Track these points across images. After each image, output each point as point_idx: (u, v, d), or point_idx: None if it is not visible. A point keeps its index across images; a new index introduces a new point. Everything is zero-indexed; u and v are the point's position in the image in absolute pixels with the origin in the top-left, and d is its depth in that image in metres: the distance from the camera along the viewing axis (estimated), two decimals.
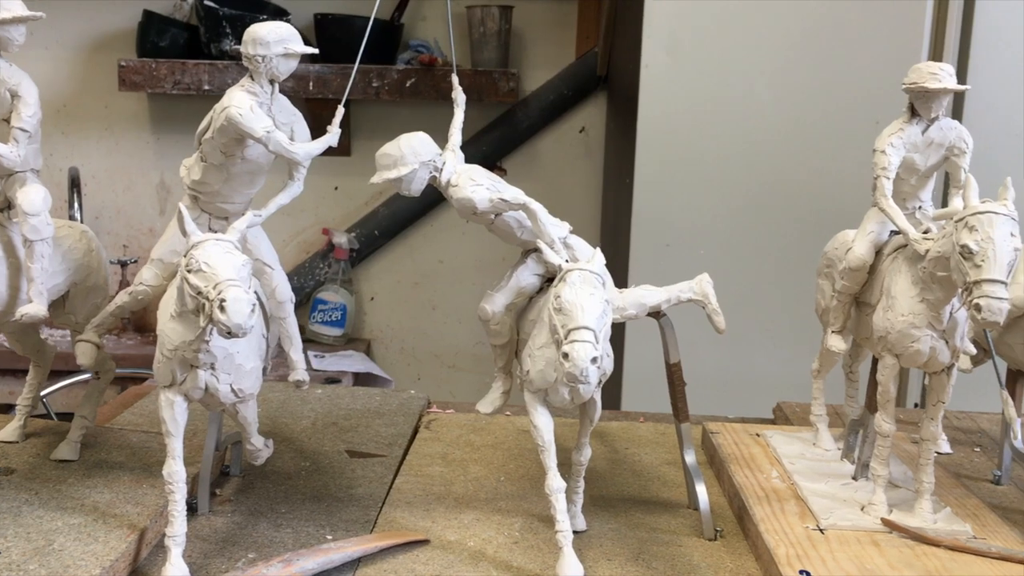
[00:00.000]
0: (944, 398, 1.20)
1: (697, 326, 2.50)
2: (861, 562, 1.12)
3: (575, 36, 3.13)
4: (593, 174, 3.17)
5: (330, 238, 3.19)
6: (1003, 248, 1.05)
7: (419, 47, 3.09)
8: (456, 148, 1.27)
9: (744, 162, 2.43)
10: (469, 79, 3.00)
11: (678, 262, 2.50)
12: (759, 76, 2.40)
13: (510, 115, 3.15)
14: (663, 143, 2.46)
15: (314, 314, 3.17)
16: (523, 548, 1.20)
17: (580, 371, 0.98)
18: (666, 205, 2.48)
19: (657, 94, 2.45)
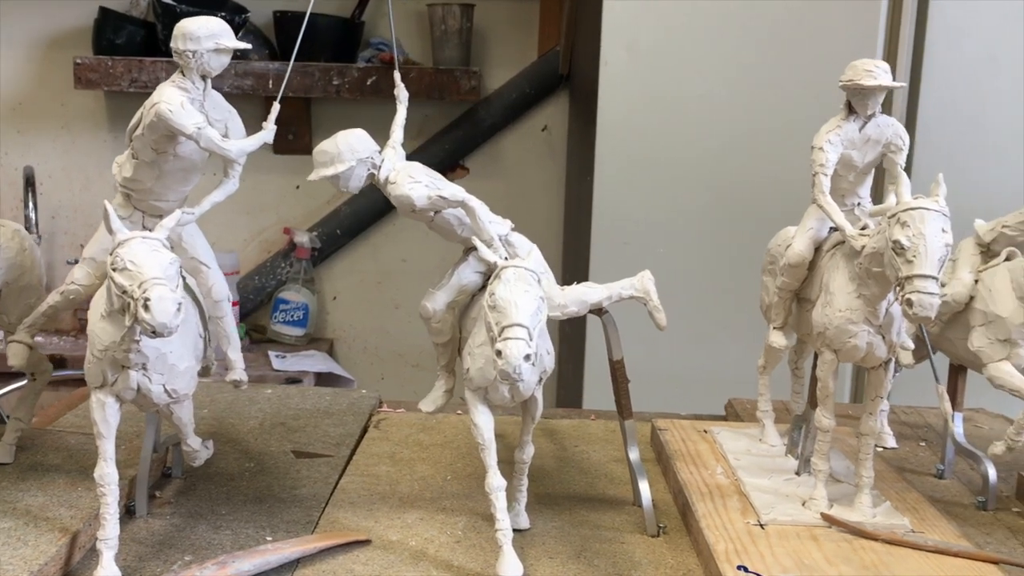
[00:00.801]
0: (882, 393, 1.21)
1: (635, 324, 2.51)
2: (799, 557, 1.13)
3: (537, 34, 3.13)
4: (556, 173, 3.17)
5: (292, 237, 3.16)
6: (934, 244, 1.06)
7: (380, 45, 3.08)
8: (397, 145, 1.26)
9: (703, 160, 2.44)
10: (430, 77, 3.00)
11: (638, 260, 2.48)
12: (718, 75, 2.41)
13: (472, 114, 3.14)
14: (622, 141, 2.47)
15: (276, 314, 3.15)
16: (465, 547, 1.20)
17: (513, 368, 0.98)
18: (626, 203, 2.49)
19: (616, 92, 2.45)
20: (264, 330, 3.18)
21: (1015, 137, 2.41)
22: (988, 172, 2.44)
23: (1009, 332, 1.29)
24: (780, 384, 1.51)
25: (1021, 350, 1.29)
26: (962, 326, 1.36)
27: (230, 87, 2.98)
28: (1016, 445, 1.30)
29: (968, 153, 2.43)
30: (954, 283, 1.35)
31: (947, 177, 2.69)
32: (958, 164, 2.42)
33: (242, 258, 3.15)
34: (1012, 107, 2.42)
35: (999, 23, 2.41)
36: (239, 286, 3.09)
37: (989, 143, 2.42)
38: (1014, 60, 2.42)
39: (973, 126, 2.44)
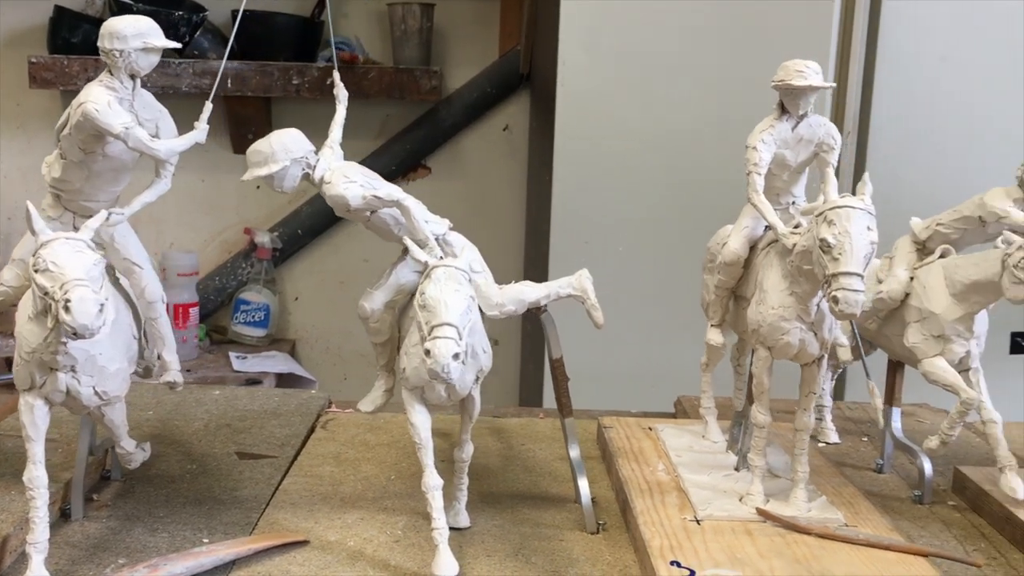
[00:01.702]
0: (815, 389, 1.23)
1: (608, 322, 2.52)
2: (732, 551, 1.14)
3: (498, 34, 3.13)
4: (517, 172, 3.18)
5: (252, 237, 3.15)
6: (859, 241, 1.07)
7: (340, 44, 3.06)
8: (335, 145, 1.26)
9: (661, 160, 2.46)
10: (390, 77, 2.99)
11: (597, 259, 2.51)
12: (674, 75, 2.43)
13: (433, 113, 3.14)
14: (581, 141, 2.48)
15: (237, 315, 3.13)
16: (404, 547, 1.20)
17: (442, 367, 0.98)
18: (585, 202, 2.50)
19: (574, 92, 2.46)
20: (225, 331, 3.16)
21: (966, 135, 2.45)
22: (940, 169, 2.48)
23: (942, 328, 1.31)
24: (729, 381, 1.52)
25: (954, 346, 1.31)
26: (898, 322, 1.38)
27: (188, 87, 2.96)
28: (950, 439, 1.32)
29: (920, 151, 2.47)
30: (890, 280, 1.37)
31: (900, 174, 2.74)
32: (911, 162, 2.46)
33: (202, 259, 3.12)
34: (963, 106, 2.46)
35: (950, 23, 2.45)
36: (199, 287, 3.07)
37: (941, 141, 2.46)
38: (965, 60, 2.45)
39: (925, 124, 2.47)
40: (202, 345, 3.06)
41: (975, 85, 2.45)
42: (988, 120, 2.44)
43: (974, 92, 2.46)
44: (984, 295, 1.28)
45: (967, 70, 2.45)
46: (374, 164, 3.16)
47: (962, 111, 2.44)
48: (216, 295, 3.18)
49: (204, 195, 3.19)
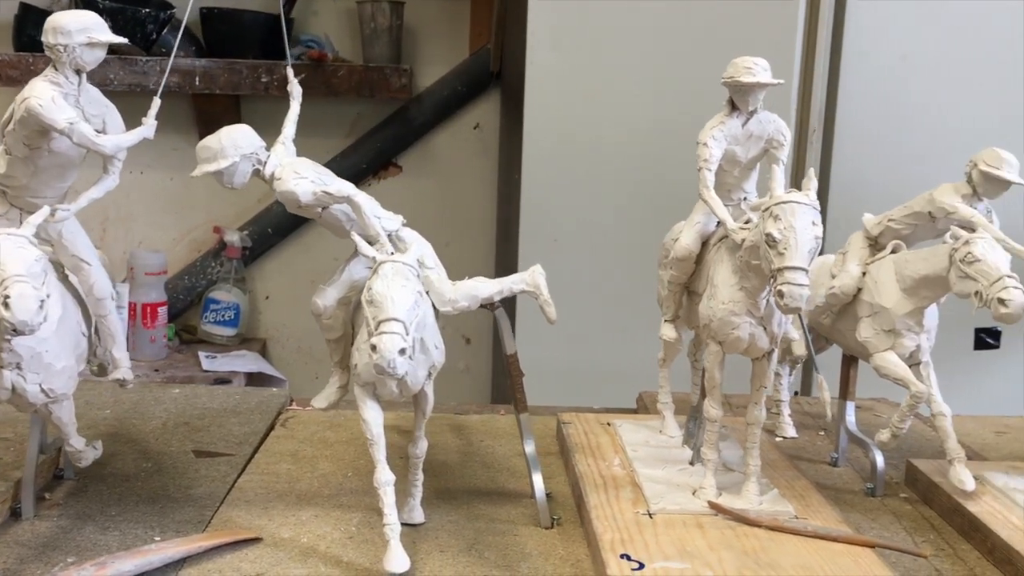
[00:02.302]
0: (765, 383, 1.24)
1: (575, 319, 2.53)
2: (683, 544, 1.15)
3: (468, 32, 3.13)
4: (488, 171, 3.18)
5: (222, 236, 3.13)
6: (804, 236, 1.08)
7: (310, 42, 3.06)
8: (287, 141, 1.26)
9: (629, 158, 2.46)
10: (360, 75, 2.98)
11: (566, 257, 2.52)
12: (642, 74, 2.44)
13: (404, 112, 3.13)
14: (550, 139, 2.48)
15: (206, 314, 3.11)
16: (357, 543, 1.20)
17: (387, 363, 0.99)
18: (553, 201, 2.51)
19: (543, 90, 2.47)
20: (194, 330, 3.14)
21: (929, 133, 2.48)
22: (904, 166, 2.50)
23: (893, 323, 1.33)
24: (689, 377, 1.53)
25: (904, 340, 1.33)
26: (851, 317, 1.39)
27: (155, 84, 2.93)
28: (900, 432, 1.34)
29: (884, 148, 2.49)
30: (842, 276, 1.39)
31: (865, 173, 2.76)
32: (875, 159, 2.48)
33: (171, 258, 3.10)
34: (925, 104, 2.49)
35: (913, 24, 2.47)
36: (167, 286, 3.05)
37: (904, 138, 2.49)
38: (928, 59, 2.48)
39: (889, 122, 2.50)
40: (171, 345, 3.04)
41: (937, 83, 2.48)
42: (949, 117, 2.47)
43: (935, 90, 2.49)
44: (933, 290, 1.30)
45: (929, 69, 2.48)
46: (345, 162, 3.17)
47: (924, 109, 2.47)
48: (185, 294, 3.17)
49: (173, 194, 3.17)
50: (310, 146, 3.20)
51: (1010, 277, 1.18)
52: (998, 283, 1.18)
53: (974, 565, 1.20)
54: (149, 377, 2.85)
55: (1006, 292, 1.17)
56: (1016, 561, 1.16)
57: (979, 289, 1.20)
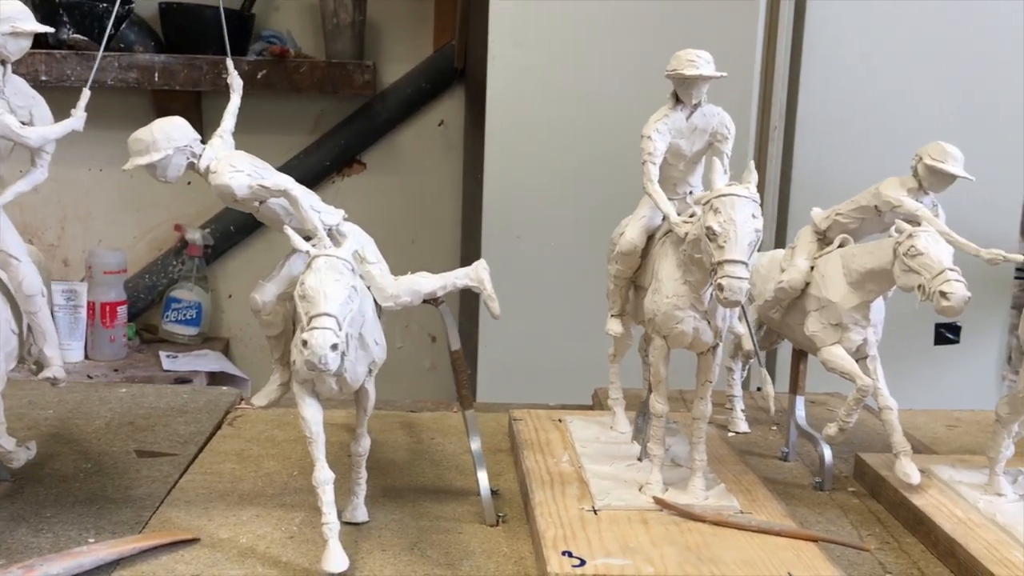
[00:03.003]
0: (711, 377, 1.23)
1: (538, 316, 2.52)
2: (625, 540, 1.14)
3: (432, 28, 3.12)
4: (453, 167, 3.16)
5: (183, 234, 3.09)
6: (744, 229, 1.08)
7: (271, 38, 3.03)
8: (225, 134, 1.23)
9: (591, 155, 2.46)
10: (323, 71, 2.96)
11: (529, 253, 2.52)
12: (603, 71, 2.43)
13: (368, 108, 3.11)
14: (512, 136, 2.47)
15: (167, 313, 3.07)
16: (297, 543, 1.18)
17: (319, 359, 0.97)
18: (516, 197, 2.50)
19: (505, 87, 2.45)
20: (155, 330, 3.10)
21: (889, 129, 2.49)
22: (864, 163, 2.52)
23: (840, 317, 1.32)
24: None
25: (851, 334, 1.33)
26: (799, 312, 1.39)
27: (115, 80, 2.90)
28: (847, 426, 1.34)
29: (845, 144, 2.50)
30: (790, 270, 1.39)
31: (826, 169, 2.78)
32: (836, 155, 2.49)
33: (131, 257, 3.06)
34: (886, 103, 2.50)
35: (873, 23, 2.49)
36: (128, 285, 3.00)
37: (865, 136, 2.50)
38: (888, 58, 2.50)
39: (850, 119, 2.51)
40: (131, 344, 3.00)
41: (897, 81, 2.50)
42: (909, 114, 2.49)
43: (896, 87, 2.50)
44: (878, 283, 1.30)
45: (889, 66, 2.50)
46: (308, 160, 3.15)
47: (884, 106, 2.49)
48: (146, 293, 3.13)
49: (133, 191, 3.12)
50: (273, 143, 3.20)
51: (952, 270, 1.18)
52: (940, 276, 1.18)
53: (918, 558, 1.20)
54: (108, 377, 2.81)
55: (948, 285, 1.17)
56: (959, 554, 1.16)
57: (922, 282, 1.20)
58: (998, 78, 2.55)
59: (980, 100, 2.55)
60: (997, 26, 2.54)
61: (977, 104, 2.54)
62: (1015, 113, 2.61)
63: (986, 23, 2.53)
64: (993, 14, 2.53)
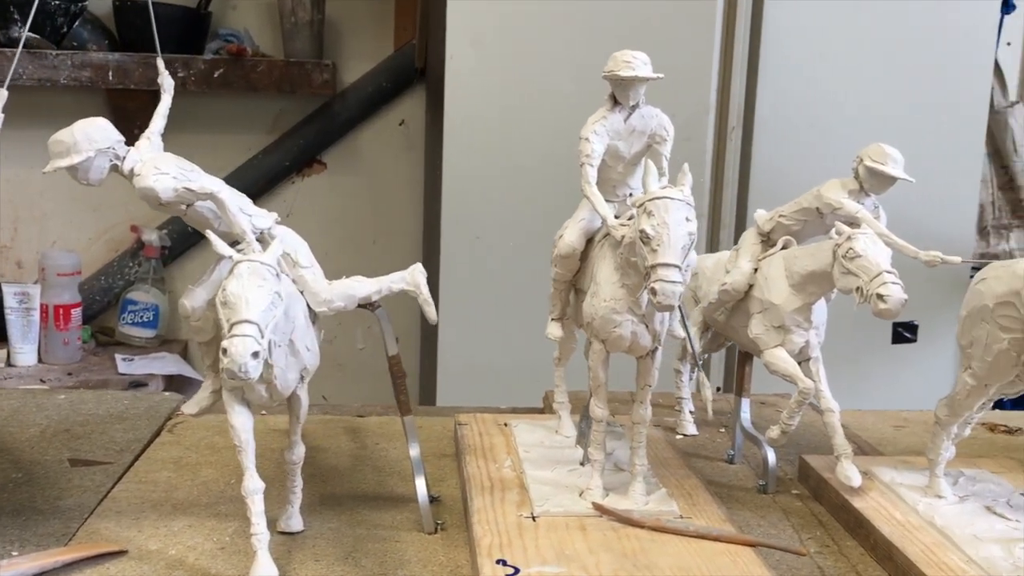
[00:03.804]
0: (651, 381, 1.22)
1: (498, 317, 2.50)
2: (562, 547, 1.13)
3: (393, 27, 3.09)
4: (414, 167, 3.14)
5: (139, 235, 3.05)
6: (677, 233, 1.07)
7: (229, 37, 2.99)
8: (154, 135, 1.20)
9: (550, 155, 2.44)
10: (281, 70, 2.93)
11: (488, 254, 2.50)
12: (562, 70, 2.42)
13: (328, 108, 3.08)
14: (470, 135, 2.46)
15: (123, 315, 3.03)
16: (228, 554, 1.15)
17: (239, 367, 0.94)
18: (475, 198, 2.48)
19: (463, 86, 2.44)
20: (112, 332, 3.05)
21: (846, 131, 2.50)
22: (822, 164, 2.51)
23: (782, 319, 1.32)
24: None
25: (794, 336, 1.32)
26: (743, 314, 1.38)
27: (67, 79, 2.85)
28: (790, 429, 1.33)
29: (803, 146, 2.51)
30: (734, 272, 1.38)
31: (784, 170, 2.78)
32: (794, 157, 2.50)
33: (86, 258, 3.01)
34: (844, 104, 2.51)
35: (830, 24, 2.50)
36: (82, 287, 2.96)
37: (823, 136, 2.51)
38: (845, 59, 2.51)
39: (808, 120, 2.52)
40: (86, 347, 2.96)
41: (854, 82, 2.51)
42: (866, 115, 2.50)
43: (853, 88, 2.52)
44: (819, 285, 1.29)
45: (846, 67, 2.51)
46: (267, 160, 3.11)
47: (842, 106, 2.50)
48: (102, 295, 3.08)
49: (88, 192, 3.06)
50: (231, 143, 3.16)
51: (889, 272, 1.18)
52: (877, 279, 1.18)
53: (857, 562, 1.20)
54: (61, 381, 2.77)
55: (885, 288, 1.16)
56: (896, 558, 1.16)
57: (860, 285, 1.20)
58: (955, 78, 2.57)
59: (937, 100, 2.56)
60: (954, 27, 2.56)
61: (934, 104, 2.56)
62: (971, 113, 2.63)
63: (943, 24, 2.55)
64: (950, 15, 2.55)
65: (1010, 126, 3.03)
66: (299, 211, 3.13)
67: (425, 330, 2.85)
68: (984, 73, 2.63)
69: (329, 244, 3.14)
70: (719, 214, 2.53)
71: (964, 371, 1.22)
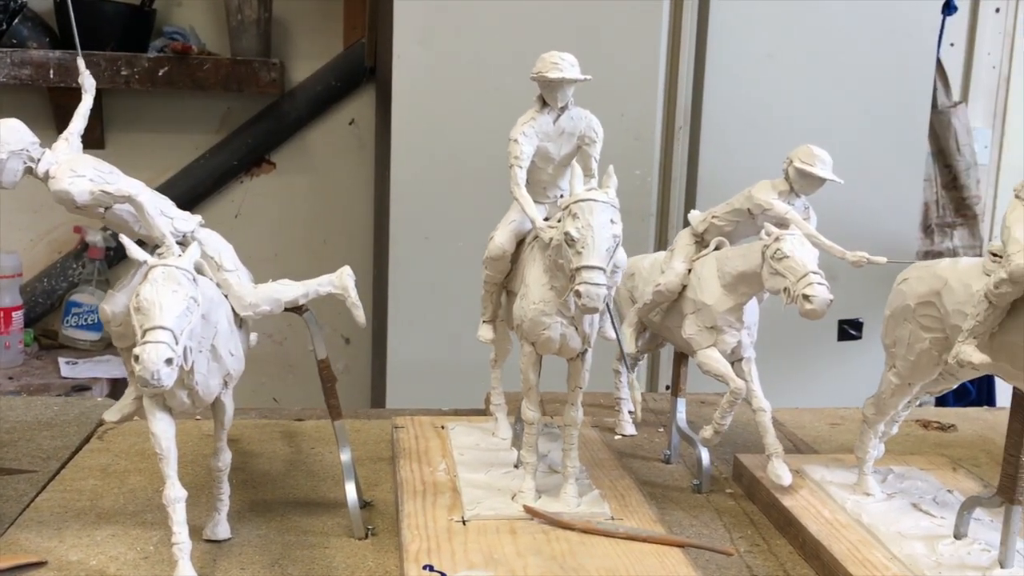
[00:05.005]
0: (581, 383, 1.22)
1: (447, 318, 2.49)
2: (491, 551, 1.12)
3: (342, 26, 3.06)
4: (365, 167, 3.11)
5: (83, 236, 2.98)
6: (602, 235, 1.07)
7: (174, 34, 2.93)
8: (72, 136, 1.17)
9: (498, 155, 2.41)
10: (227, 69, 2.88)
11: (438, 254, 2.48)
12: (509, 70, 2.40)
13: (276, 107, 3.04)
14: (418, 136, 2.44)
15: (67, 318, 2.96)
16: (152, 563, 1.13)
17: (151, 374, 0.92)
18: (424, 198, 2.46)
19: (411, 86, 2.42)
20: (55, 335, 2.99)
21: (794, 131, 2.52)
22: (769, 163, 2.54)
23: (715, 319, 1.32)
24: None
25: (726, 336, 1.33)
26: (677, 314, 1.39)
27: (7, 77, 2.78)
28: (722, 429, 1.34)
29: (750, 144, 2.53)
30: (667, 272, 1.38)
31: (732, 169, 2.79)
32: (741, 155, 2.51)
33: (28, 259, 2.94)
34: (790, 103, 2.53)
35: (775, 24, 2.51)
36: (24, 289, 2.89)
37: (769, 137, 2.52)
38: (791, 58, 2.53)
39: (755, 119, 2.53)
40: (29, 351, 2.89)
41: (800, 81, 2.53)
42: (812, 114, 2.52)
43: (799, 87, 2.54)
44: (750, 286, 1.30)
45: (793, 67, 2.53)
46: (215, 159, 3.06)
47: (789, 105, 2.52)
48: (45, 297, 3.01)
49: (30, 192, 2.96)
50: (178, 142, 3.10)
51: (816, 273, 1.19)
52: (804, 279, 1.18)
53: (785, 560, 1.21)
54: (2, 386, 2.70)
55: (811, 288, 1.17)
56: (823, 556, 1.17)
57: (787, 285, 1.20)
58: (898, 79, 2.61)
59: (880, 100, 2.60)
60: (896, 28, 2.59)
61: (878, 104, 2.59)
62: (914, 113, 2.67)
63: (888, 25, 2.58)
64: (892, 16, 2.58)
65: (953, 126, 3.08)
66: (248, 212, 3.09)
67: (376, 332, 2.83)
68: (926, 73, 2.67)
69: (279, 245, 3.10)
70: (667, 213, 2.54)
71: (888, 370, 1.24)
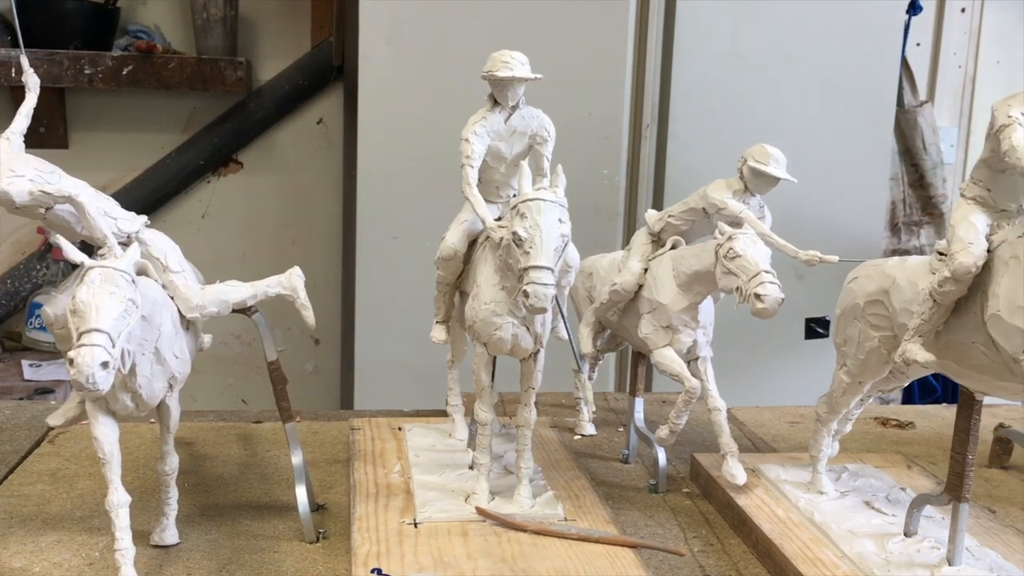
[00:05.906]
0: (534, 384, 1.21)
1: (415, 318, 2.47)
2: (441, 554, 1.11)
3: (309, 25, 3.04)
4: (333, 166, 3.09)
5: (47, 237, 2.94)
6: (550, 235, 1.06)
7: (138, 33, 2.90)
8: (13, 135, 1.15)
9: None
10: (193, 67, 2.85)
11: (406, 254, 2.47)
12: (475, 69, 2.39)
13: (243, 106, 3.01)
14: (385, 135, 2.42)
15: (31, 319, 2.92)
16: (96, 569, 1.11)
17: (86, 377, 0.91)
18: (391, 197, 2.45)
19: (377, 85, 2.40)
20: (19, 337, 2.95)
21: (760, 129, 2.52)
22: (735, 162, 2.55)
23: (670, 319, 1.32)
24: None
25: (681, 335, 1.33)
26: (633, 314, 1.38)
27: None
28: (678, 428, 1.34)
29: (717, 145, 2.53)
30: (624, 272, 1.38)
31: (699, 166, 2.79)
32: (707, 152, 2.52)
33: None
34: (757, 101, 2.54)
35: (743, 23, 2.52)
36: None
37: (737, 135, 2.53)
38: (757, 57, 2.53)
39: (721, 119, 2.54)
40: None
41: (766, 79, 2.54)
42: (778, 112, 2.53)
43: (765, 85, 2.54)
44: (705, 285, 1.30)
45: (758, 65, 2.54)
46: (181, 158, 3.03)
47: (755, 103, 2.52)
48: (8, 299, 2.97)
49: None
50: (143, 142, 3.06)
51: (767, 272, 1.19)
52: (756, 279, 1.18)
53: (739, 559, 1.21)
54: None
55: (762, 287, 1.17)
56: (775, 555, 1.17)
57: (739, 284, 1.20)
58: (863, 78, 2.62)
59: (846, 99, 2.61)
60: (861, 28, 2.60)
61: (843, 103, 2.60)
62: (880, 112, 2.69)
63: (853, 24, 2.59)
64: (857, 16, 2.59)
65: (920, 125, 3.10)
66: (215, 211, 3.06)
67: (345, 332, 2.81)
68: (892, 73, 2.69)
69: (247, 246, 3.07)
70: (635, 211, 2.54)
71: (839, 369, 1.24)
